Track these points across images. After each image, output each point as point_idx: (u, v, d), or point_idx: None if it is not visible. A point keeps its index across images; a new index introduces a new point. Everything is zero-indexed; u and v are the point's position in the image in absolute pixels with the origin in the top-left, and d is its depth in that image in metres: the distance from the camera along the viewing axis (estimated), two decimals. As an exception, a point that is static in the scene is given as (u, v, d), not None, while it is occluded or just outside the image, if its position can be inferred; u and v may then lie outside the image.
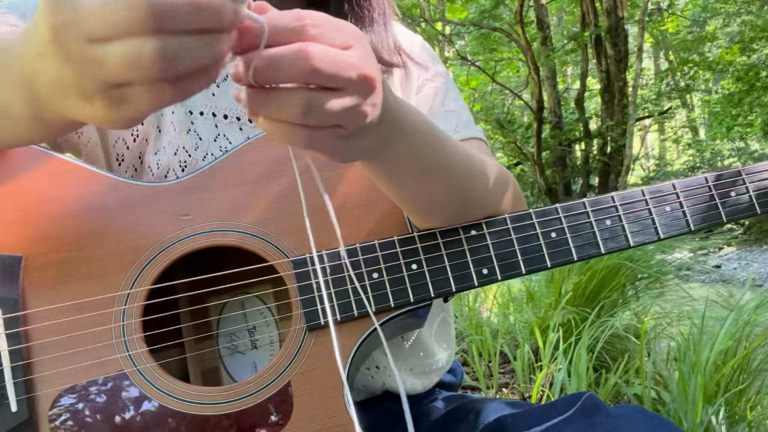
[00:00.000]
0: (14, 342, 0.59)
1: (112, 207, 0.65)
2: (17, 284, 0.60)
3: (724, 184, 0.73)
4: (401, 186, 0.61)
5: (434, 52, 0.91)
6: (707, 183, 0.72)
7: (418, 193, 0.63)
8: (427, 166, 0.59)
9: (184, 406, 0.61)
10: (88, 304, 0.62)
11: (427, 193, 0.63)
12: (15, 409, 0.58)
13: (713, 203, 0.72)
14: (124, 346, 0.61)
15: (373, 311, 0.65)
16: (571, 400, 0.68)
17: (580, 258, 0.68)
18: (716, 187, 0.72)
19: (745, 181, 0.73)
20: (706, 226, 0.71)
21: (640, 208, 0.71)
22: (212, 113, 0.75)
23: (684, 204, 0.71)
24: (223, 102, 0.76)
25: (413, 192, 0.62)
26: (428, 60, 0.88)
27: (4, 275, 0.60)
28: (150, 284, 0.63)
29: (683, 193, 0.72)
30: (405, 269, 0.66)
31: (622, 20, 9.74)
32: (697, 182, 0.72)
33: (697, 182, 0.72)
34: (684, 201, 0.71)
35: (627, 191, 0.71)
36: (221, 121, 0.75)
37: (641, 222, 0.70)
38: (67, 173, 0.65)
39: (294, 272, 0.65)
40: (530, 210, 0.69)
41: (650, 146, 21.34)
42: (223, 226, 0.66)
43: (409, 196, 0.63)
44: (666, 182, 0.72)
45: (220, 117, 0.75)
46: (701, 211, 0.71)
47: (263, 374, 0.63)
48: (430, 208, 0.65)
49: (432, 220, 0.67)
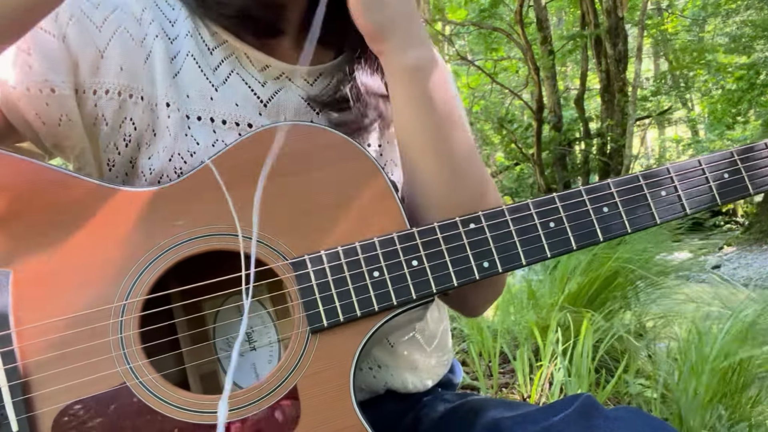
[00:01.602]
0: (10, 360, 0.58)
1: (102, 215, 0.64)
2: (7, 300, 0.59)
3: (718, 165, 0.73)
4: (415, 116, 0.70)
5: None
6: (701, 165, 0.72)
7: (426, 133, 0.70)
8: (439, 113, 0.69)
9: (190, 416, 0.60)
10: (84, 318, 0.60)
11: (433, 139, 0.70)
12: (16, 429, 0.57)
13: (707, 185, 0.72)
14: (124, 358, 0.60)
15: (376, 310, 0.64)
16: (568, 401, 0.68)
17: (579, 246, 0.68)
18: (709, 169, 0.72)
19: (738, 162, 0.73)
20: (702, 209, 0.72)
21: (636, 193, 0.70)
22: (210, 118, 0.73)
23: (679, 188, 0.71)
24: (222, 107, 0.73)
25: (422, 131, 0.70)
26: None
27: None
28: (146, 294, 0.62)
29: (678, 177, 0.72)
30: (406, 266, 0.65)
31: (621, 20, 9.75)
32: (691, 165, 0.72)
33: (691, 165, 0.72)
34: (678, 185, 0.71)
35: (623, 177, 0.71)
36: (219, 126, 0.73)
37: (638, 208, 0.70)
38: (52, 182, 0.63)
39: (294, 275, 0.64)
40: (528, 200, 0.69)
41: (650, 146, 21.34)
42: (217, 230, 0.65)
43: (419, 134, 0.71)
44: (660, 167, 0.72)
45: (218, 122, 0.73)
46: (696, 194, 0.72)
47: (268, 380, 0.62)
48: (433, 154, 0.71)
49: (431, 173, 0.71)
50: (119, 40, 0.69)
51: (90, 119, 0.70)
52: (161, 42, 0.72)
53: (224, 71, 0.74)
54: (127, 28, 0.70)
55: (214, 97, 0.73)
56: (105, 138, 0.72)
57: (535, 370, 2.40)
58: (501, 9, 11.09)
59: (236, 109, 0.74)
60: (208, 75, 0.73)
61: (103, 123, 0.70)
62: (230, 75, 0.74)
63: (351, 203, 0.67)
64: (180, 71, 0.72)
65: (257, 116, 0.75)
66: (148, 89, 0.71)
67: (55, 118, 0.67)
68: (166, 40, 0.72)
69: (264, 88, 0.76)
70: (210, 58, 0.74)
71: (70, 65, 0.67)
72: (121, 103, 0.70)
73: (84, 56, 0.67)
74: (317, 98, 0.78)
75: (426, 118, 0.70)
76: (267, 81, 0.76)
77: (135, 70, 0.70)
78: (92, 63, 0.68)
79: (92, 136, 0.72)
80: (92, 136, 0.72)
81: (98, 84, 0.69)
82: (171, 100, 0.71)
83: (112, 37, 0.69)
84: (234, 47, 0.75)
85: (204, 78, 0.73)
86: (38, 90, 0.65)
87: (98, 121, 0.70)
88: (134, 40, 0.70)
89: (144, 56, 0.71)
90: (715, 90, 13.76)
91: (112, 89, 0.69)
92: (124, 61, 0.69)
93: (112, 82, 0.69)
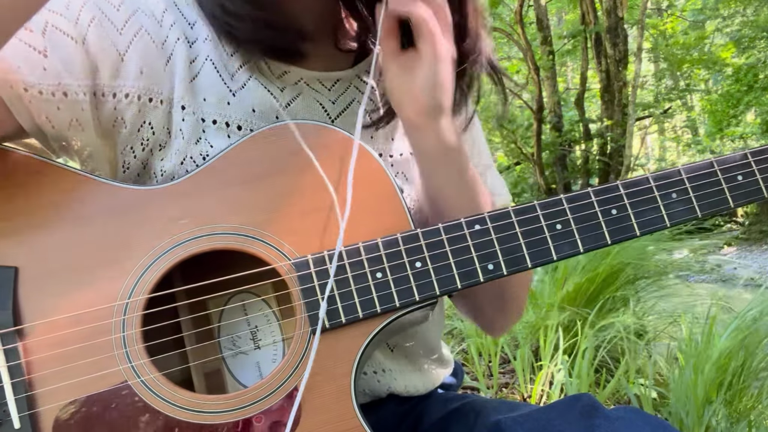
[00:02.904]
0: (13, 357, 0.58)
1: (106, 212, 0.64)
2: (10, 297, 0.59)
3: (731, 168, 0.70)
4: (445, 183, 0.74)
5: None
6: (714, 167, 0.69)
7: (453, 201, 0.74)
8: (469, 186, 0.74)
9: (191, 415, 0.60)
10: (87, 316, 0.60)
11: (460, 206, 0.73)
12: (18, 426, 0.57)
13: (720, 188, 0.69)
14: (126, 357, 0.60)
15: (378, 312, 0.64)
16: (569, 402, 0.68)
17: (586, 249, 0.66)
18: (723, 171, 0.69)
19: (753, 164, 0.70)
20: (715, 213, 0.69)
21: (646, 195, 0.68)
22: (225, 123, 0.72)
23: (690, 190, 0.69)
24: (237, 112, 0.73)
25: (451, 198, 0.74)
26: None
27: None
28: (149, 292, 0.62)
29: (689, 179, 0.69)
30: (409, 267, 0.65)
31: (621, 20, 9.75)
32: (703, 166, 0.69)
33: (704, 166, 0.69)
34: (690, 187, 0.68)
35: (633, 178, 0.69)
36: (234, 132, 0.72)
37: (648, 210, 0.68)
38: (58, 179, 0.63)
39: (297, 275, 0.64)
40: (534, 202, 0.67)
41: (650, 146, 21.33)
42: (221, 229, 0.64)
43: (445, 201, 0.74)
44: (672, 168, 0.70)
45: (233, 127, 0.72)
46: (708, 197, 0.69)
47: (270, 380, 0.62)
48: None
49: None
50: (140, 43, 0.68)
51: (109, 122, 0.69)
52: (182, 45, 0.71)
53: (242, 77, 0.74)
54: (148, 30, 0.69)
55: (231, 101, 0.72)
56: (123, 141, 0.71)
57: (535, 370, 2.40)
58: (501, 9, 11.08)
59: (252, 115, 0.73)
60: (226, 80, 0.73)
61: (123, 126, 0.69)
62: (248, 81, 0.74)
63: (356, 203, 0.67)
64: (198, 75, 0.72)
65: (274, 122, 0.75)
66: (167, 92, 0.70)
67: (66, 122, 0.66)
68: (186, 43, 0.71)
69: (282, 94, 0.75)
70: (229, 63, 0.73)
71: (89, 68, 0.65)
72: (141, 106, 0.69)
73: (104, 59, 0.66)
74: (334, 104, 0.78)
75: (455, 192, 0.74)
76: (285, 87, 0.76)
77: (155, 73, 0.69)
78: (112, 66, 0.67)
79: (109, 139, 0.71)
80: (109, 138, 0.70)
81: (118, 87, 0.68)
82: (187, 104, 0.71)
83: (132, 40, 0.68)
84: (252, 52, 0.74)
85: (222, 83, 0.72)
86: (51, 93, 0.63)
87: (117, 124, 0.69)
88: (155, 43, 0.69)
89: (165, 59, 0.70)
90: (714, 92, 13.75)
91: (132, 93, 0.68)
92: (144, 63, 0.68)
93: (132, 85, 0.68)
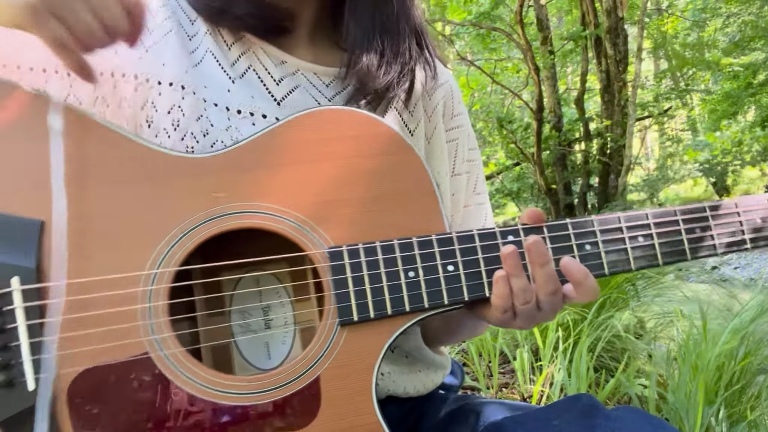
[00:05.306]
0: (33, 316, 0.56)
1: (143, 177, 0.61)
2: (35, 252, 0.56)
3: (753, 212, 0.74)
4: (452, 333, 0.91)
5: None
6: (737, 209, 0.73)
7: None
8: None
9: (212, 394, 0.59)
10: (114, 281, 0.58)
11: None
12: (32, 387, 0.55)
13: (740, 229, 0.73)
14: (150, 328, 0.59)
15: (407, 310, 0.64)
16: (569, 401, 0.68)
17: (611, 272, 0.69)
18: (744, 213, 0.74)
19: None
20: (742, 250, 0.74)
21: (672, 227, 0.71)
22: (226, 107, 0.74)
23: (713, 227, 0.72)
24: (238, 98, 0.75)
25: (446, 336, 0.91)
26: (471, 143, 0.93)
27: (22, 241, 0.56)
28: (178, 265, 0.60)
29: (744, 212, 0.73)
30: (441, 270, 0.65)
31: (621, 20, 9.74)
32: (727, 206, 0.73)
33: (727, 207, 0.73)
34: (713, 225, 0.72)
35: (660, 209, 0.72)
36: (234, 115, 0.74)
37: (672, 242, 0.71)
38: (96, 135, 0.61)
39: (330, 264, 0.63)
40: (567, 221, 0.69)
41: (650, 146, 21.33)
42: (257, 208, 0.63)
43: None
44: (698, 204, 0.74)
45: (233, 111, 0.74)
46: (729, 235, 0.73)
47: (293, 366, 0.61)
48: None
49: None
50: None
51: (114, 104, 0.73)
52: (175, 37, 0.74)
53: (242, 66, 0.77)
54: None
55: (231, 89, 0.75)
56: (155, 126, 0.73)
57: (535, 370, 2.40)
58: (501, 9, 11.08)
59: (252, 101, 0.75)
60: (227, 69, 0.76)
61: (126, 107, 0.73)
62: (248, 70, 0.77)
63: (393, 197, 0.66)
64: (200, 64, 0.75)
65: (273, 108, 0.77)
66: (159, 71, 0.73)
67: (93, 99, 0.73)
68: (183, 35, 0.75)
69: (280, 84, 0.78)
70: (228, 54, 0.77)
71: None
72: (138, 86, 0.73)
73: None
74: (331, 99, 0.80)
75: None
76: (284, 77, 0.78)
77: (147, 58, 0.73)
78: None
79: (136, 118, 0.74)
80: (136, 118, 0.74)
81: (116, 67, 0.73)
82: (187, 84, 0.73)
83: None
84: (251, 42, 0.77)
85: (222, 72, 0.76)
86: None
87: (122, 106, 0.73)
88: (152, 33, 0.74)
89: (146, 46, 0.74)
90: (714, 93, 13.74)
91: (128, 73, 0.73)
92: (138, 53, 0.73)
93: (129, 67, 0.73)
